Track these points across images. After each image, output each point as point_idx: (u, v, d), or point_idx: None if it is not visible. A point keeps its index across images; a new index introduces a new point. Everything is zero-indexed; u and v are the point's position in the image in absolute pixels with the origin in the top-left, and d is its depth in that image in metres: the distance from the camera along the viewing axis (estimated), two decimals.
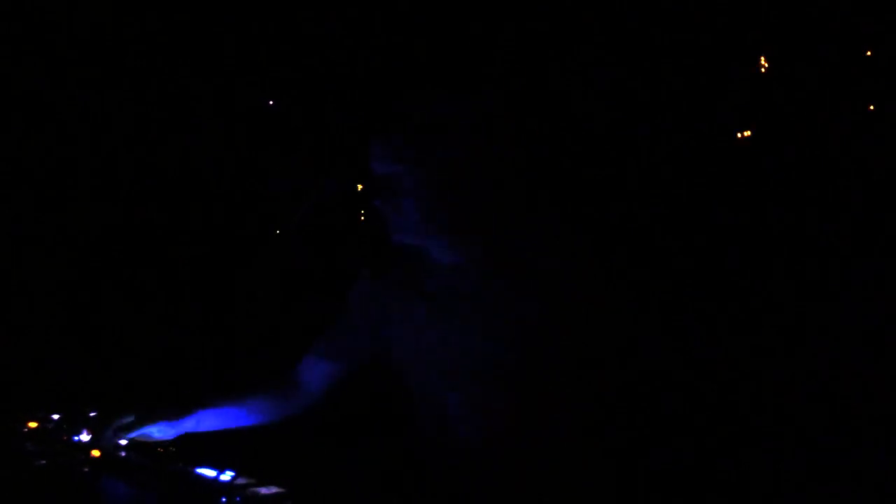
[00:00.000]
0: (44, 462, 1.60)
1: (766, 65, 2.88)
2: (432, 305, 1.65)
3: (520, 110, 3.71)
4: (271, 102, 3.83)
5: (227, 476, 1.45)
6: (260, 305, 3.19)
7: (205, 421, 1.73)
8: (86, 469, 1.56)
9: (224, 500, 1.39)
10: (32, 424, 1.74)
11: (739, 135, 2.97)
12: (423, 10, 3.57)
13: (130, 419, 1.64)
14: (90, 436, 1.68)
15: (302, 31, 3.78)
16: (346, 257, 3.21)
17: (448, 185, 1.55)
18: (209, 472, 1.47)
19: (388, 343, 1.73)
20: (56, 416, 1.75)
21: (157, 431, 1.66)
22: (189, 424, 1.70)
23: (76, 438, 1.69)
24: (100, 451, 1.60)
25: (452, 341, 1.61)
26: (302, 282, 3.38)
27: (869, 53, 2.65)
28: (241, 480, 1.43)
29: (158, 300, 3.31)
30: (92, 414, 1.73)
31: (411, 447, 1.70)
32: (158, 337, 3.16)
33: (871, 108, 2.64)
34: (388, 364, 1.74)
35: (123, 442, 1.60)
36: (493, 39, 3.50)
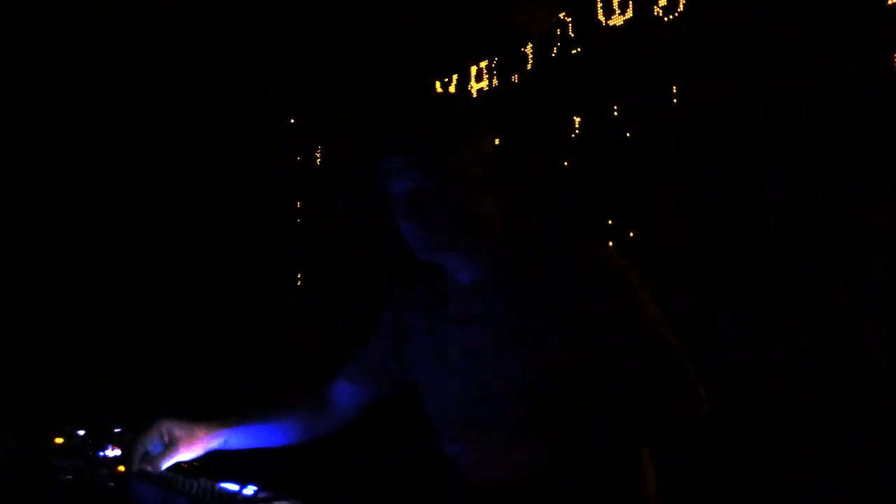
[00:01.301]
0: (70, 477, 1.63)
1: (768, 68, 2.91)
2: (453, 324, 1.67)
3: (520, 113, 3.76)
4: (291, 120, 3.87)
5: (249, 490, 1.48)
6: (290, 326, 3.21)
7: (232, 440, 1.75)
8: (112, 484, 1.60)
9: None
10: (59, 440, 1.79)
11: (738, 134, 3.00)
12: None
13: (159, 449, 1.66)
14: (115, 452, 1.73)
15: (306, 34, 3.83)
16: (372, 276, 3.22)
17: (459, 195, 1.55)
18: (232, 487, 1.50)
19: (413, 363, 1.75)
20: (81, 433, 1.80)
21: (187, 455, 1.69)
22: (216, 443, 1.73)
23: (101, 454, 1.73)
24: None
25: (475, 357, 1.63)
26: (332, 303, 3.40)
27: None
28: (263, 495, 1.46)
29: (187, 320, 3.33)
30: (117, 430, 1.77)
31: (436, 465, 1.72)
32: (187, 355, 3.19)
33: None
34: (414, 384, 1.76)
35: (151, 470, 1.62)
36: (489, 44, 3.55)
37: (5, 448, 1.77)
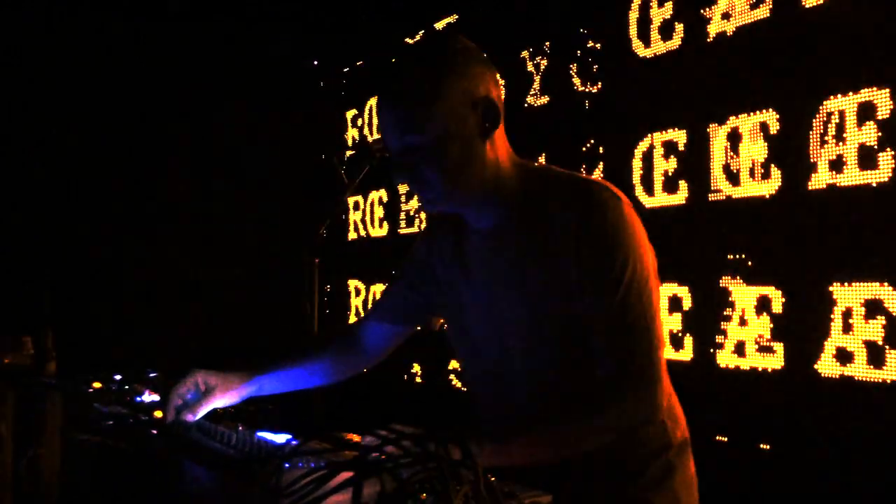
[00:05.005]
0: (111, 422, 1.71)
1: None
2: (471, 268, 1.71)
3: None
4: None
5: (285, 439, 1.55)
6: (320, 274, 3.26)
7: (267, 386, 1.82)
8: (154, 431, 1.67)
9: (287, 465, 1.49)
10: (97, 385, 1.87)
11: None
12: None
13: (196, 398, 1.74)
14: (152, 396, 1.81)
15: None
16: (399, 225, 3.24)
17: (449, 149, 1.53)
18: (269, 436, 1.57)
19: (439, 304, 1.81)
20: (118, 377, 1.87)
21: (223, 402, 1.76)
22: (251, 390, 1.79)
23: (138, 399, 1.81)
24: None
25: (492, 303, 1.67)
26: (361, 249, 3.41)
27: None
28: (298, 444, 1.53)
29: (218, 265, 3.37)
30: (152, 374, 1.85)
31: (465, 405, 1.78)
32: (217, 302, 3.24)
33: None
34: (442, 324, 1.83)
35: (191, 417, 1.69)
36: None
37: (51, 393, 1.85)
